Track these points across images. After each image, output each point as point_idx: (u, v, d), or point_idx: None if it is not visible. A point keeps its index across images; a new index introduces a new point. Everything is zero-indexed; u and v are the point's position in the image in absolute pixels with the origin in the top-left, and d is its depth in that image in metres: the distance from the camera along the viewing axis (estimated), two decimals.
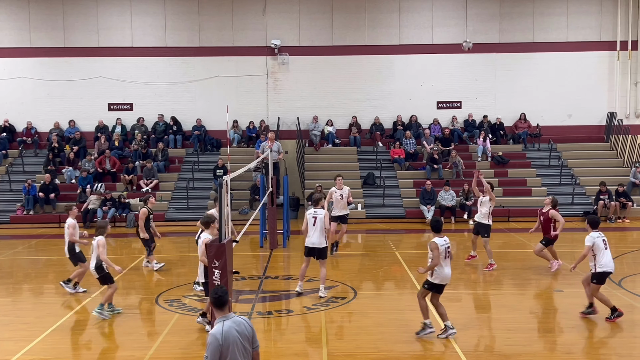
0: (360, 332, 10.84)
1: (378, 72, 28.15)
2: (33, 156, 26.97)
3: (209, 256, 8.74)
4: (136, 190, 25.03)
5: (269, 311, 12.40)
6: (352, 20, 27.98)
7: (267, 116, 27.50)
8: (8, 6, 27.45)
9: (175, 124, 27.59)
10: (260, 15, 27.75)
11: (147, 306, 12.93)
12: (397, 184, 25.72)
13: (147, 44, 27.81)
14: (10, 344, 10.42)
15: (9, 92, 27.51)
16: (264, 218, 18.66)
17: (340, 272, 15.45)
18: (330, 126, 27.77)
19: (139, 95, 27.86)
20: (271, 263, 16.66)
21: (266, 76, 27.91)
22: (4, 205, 24.52)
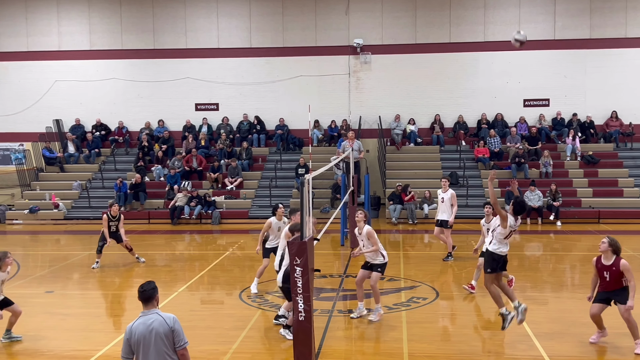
0: (442, 334, 10.71)
1: (462, 70, 27.70)
2: (124, 154, 28.00)
3: (290, 254, 8.83)
4: (221, 188, 25.60)
5: (349, 310, 12.41)
6: (436, 18, 27.65)
7: (349, 115, 27.53)
8: (101, 10, 28.60)
9: (259, 124, 28.03)
10: (343, 15, 27.82)
11: (231, 301, 13.19)
12: (480, 184, 25.24)
13: (232, 45, 28.37)
14: (101, 336, 10.86)
15: (102, 93, 28.66)
16: (345, 217, 18.70)
17: (421, 272, 15.31)
18: (413, 125, 27.54)
19: (224, 96, 28.46)
20: (352, 262, 16.67)
21: (348, 75, 27.96)
22: (97, 202, 25.56)
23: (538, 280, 14.81)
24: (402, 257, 17.21)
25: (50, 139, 28.14)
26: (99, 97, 28.66)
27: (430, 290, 13.57)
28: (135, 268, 16.75)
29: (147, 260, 17.29)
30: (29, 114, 28.53)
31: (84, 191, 26.17)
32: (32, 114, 28.52)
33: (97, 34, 28.68)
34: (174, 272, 16.15)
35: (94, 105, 28.64)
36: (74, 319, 12.09)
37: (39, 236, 22.75)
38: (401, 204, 23.80)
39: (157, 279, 14.85)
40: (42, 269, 16.64)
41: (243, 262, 17.41)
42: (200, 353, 10.02)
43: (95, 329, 11.31)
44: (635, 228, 21.90)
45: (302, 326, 8.74)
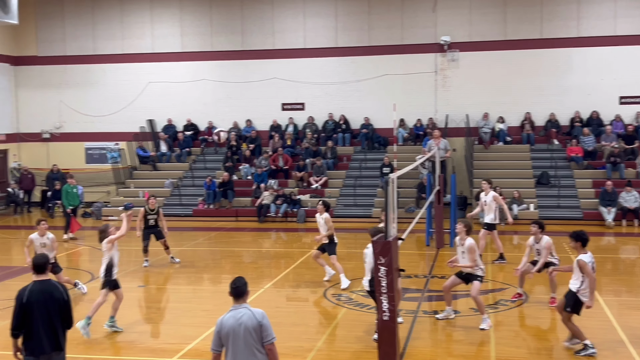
0: (531, 338, 10.43)
1: (554, 67, 26.82)
2: (213, 154, 28.69)
3: (375, 253, 8.81)
4: (307, 186, 25.82)
5: (435, 310, 12.27)
6: (527, 13, 26.88)
7: (435, 114, 27.18)
8: (192, 13, 29.39)
9: (344, 123, 28.10)
10: (430, 12, 27.48)
11: (316, 299, 13.30)
12: (573, 184, 24.37)
13: (318, 45, 28.54)
14: (190, 330, 11.17)
15: (193, 94, 29.45)
16: (431, 217, 18.49)
17: (510, 274, 14.94)
18: (502, 123, 26.89)
19: (310, 95, 28.67)
20: (437, 262, 16.48)
21: (435, 73, 27.60)
22: (187, 200, 26.31)
23: (633, 284, 14.19)
24: (490, 259, 16.85)
25: (143, 139, 29.18)
26: (189, 97, 29.45)
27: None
28: (223, 264, 17.14)
29: (235, 256, 17.65)
30: (124, 115, 29.67)
31: (176, 189, 27.00)
32: (127, 114, 29.64)
33: (188, 37, 29.48)
34: (260, 269, 16.43)
35: (185, 105, 29.45)
36: (165, 313, 12.49)
37: (132, 232, 23.56)
38: None
39: (244, 276, 15.15)
40: (135, 264, 17.26)
41: (328, 260, 17.49)
42: (286, 349, 10.14)
43: (185, 324, 11.64)
44: None
45: (387, 326, 8.71)
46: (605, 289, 13.62)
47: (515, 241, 20.40)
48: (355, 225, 23.14)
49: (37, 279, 7.21)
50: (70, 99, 29.91)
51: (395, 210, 9.57)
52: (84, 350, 10.17)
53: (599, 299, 12.54)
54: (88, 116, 29.88)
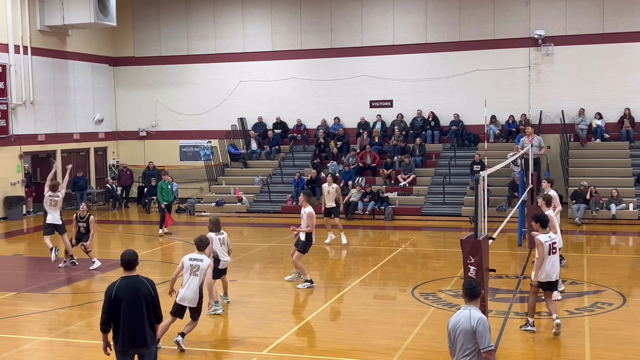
0: (628, 342, 10.01)
1: None
2: (302, 151, 28.98)
3: (464, 252, 8.68)
4: (394, 184, 25.70)
5: (526, 312, 11.96)
6: (626, 5, 25.71)
7: (529, 110, 26.43)
8: (282, 12, 29.78)
9: (433, 120, 27.76)
10: (523, 6, 26.73)
11: (403, 298, 13.23)
12: None
13: (407, 41, 28.32)
14: (280, 324, 11.36)
15: (282, 92, 29.85)
16: (523, 216, 18.00)
17: (607, 276, 14.37)
18: (599, 119, 25.85)
19: (398, 92, 28.49)
20: (530, 263, 16.03)
21: (528, 68, 26.83)
22: (277, 196, 26.70)
23: None
24: (585, 260, 16.27)
25: (234, 137, 29.83)
26: (279, 96, 29.87)
27: (616, 295, 12.71)
28: (311, 260, 17.29)
29: (322, 253, 17.74)
30: (216, 113, 30.42)
31: (265, 186, 27.46)
32: (219, 112, 30.38)
33: (278, 36, 29.90)
34: (347, 266, 16.48)
35: (275, 104, 29.90)
36: (255, 307, 12.74)
37: (224, 228, 24.04)
38: (585, 203, 22.49)
39: (332, 272, 15.28)
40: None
41: (415, 259, 17.38)
42: (373, 347, 10.15)
43: (274, 318, 11.84)
44: None
45: None
46: None
47: (613, 242, 19.60)
48: (444, 224, 22.86)
49: (125, 275, 7.47)
50: (165, 98, 30.95)
51: (486, 208, 9.38)
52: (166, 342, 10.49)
53: None
54: (182, 115, 30.82)
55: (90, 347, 10.18)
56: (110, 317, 7.33)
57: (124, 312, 7.26)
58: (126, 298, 7.27)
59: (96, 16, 25.97)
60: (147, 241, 20.70)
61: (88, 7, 25.86)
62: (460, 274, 13.85)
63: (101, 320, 7.38)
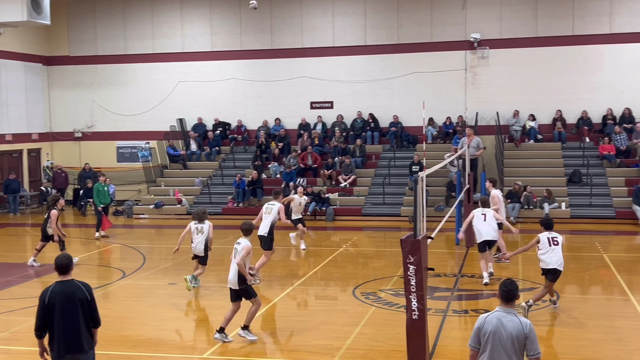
0: (562, 338, 10.32)
1: (586, 64, 26.43)
2: (243, 152, 28.81)
3: (404, 251, 8.79)
4: (335, 185, 25.83)
5: (465, 310, 12.22)
6: (558, 10, 26.53)
7: (465, 111, 26.98)
8: (222, 12, 29.54)
9: (373, 121, 28.04)
10: (460, 10, 27.27)
11: (345, 298, 13.31)
12: (606, 182, 24.02)
13: (347, 43, 28.50)
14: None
15: (223, 93, 29.62)
16: (460, 215, 18.36)
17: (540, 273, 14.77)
18: (532, 121, 26.60)
19: (338, 93, 28.64)
20: (467, 261, 16.37)
21: (464, 71, 27.39)
22: (217, 198, 26.49)
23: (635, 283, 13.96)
24: (520, 258, 16.70)
25: (174, 138, 29.44)
26: (219, 96, 29.64)
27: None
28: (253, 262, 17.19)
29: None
30: (155, 114, 29.94)
31: (205, 187, 27.20)
32: (157, 113, 29.91)
33: (218, 36, 29.66)
34: (289, 267, 16.49)
35: (215, 104, 29.64)
36: (195, 310, 12.60)
37: (163, 230, 23.88)
38: (519, 202, 23.11)
39: (273, 274, 15.25)
40: (166, 261, 17.45)
41: (356, 259, 17.52)
42: (315, 347, 10.18)
43: (215, 321, 11.73)
44: None
45: (416, 325, 8.68)
46: (638, 288, 13.42)
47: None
48: (384, 224, 23.11)
49: (60, 279, 7.28)
50: (102, 99, 30.31)
51: (425, 208, 9.53)
52: (115, 347, 10.29)
53: (631, 299, 12.37)
54: (119, 115, 30.24)
55: (26, 354, 9.88)
56: (45, 323, 7.14)
57: (58, 318, 7.08)
58: (60, 303, 7.09)
59: (29, 14, 25.14)
60: (84, 245, 20.23)
61: (21, 5, 25.01)
62: (400, 273, 14.03)
63: (35, 326, 7.19)
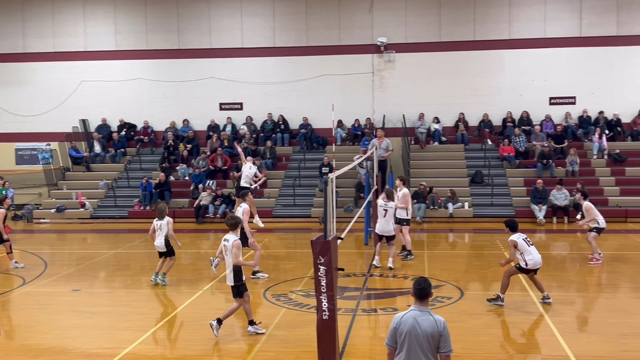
0: (466, 333, 10.64)
1: (487, 68, 27.48)
2: (149, 154, 28.22)
3: (314, 252, 8.82)
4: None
5: (373, 308, 12.41)
6: (461, 16, 27.46)
7: (373, 114, 27.48)
8: (127, 11, 28.85)
9: (283, 123, 28.09)
10: (367, 14, 27.75)
11: (255, 300, 13.23)
12: (506, 183, 25.03)
13: (256, 44, 28.44)
14: (127, 333, 10.96)
15: (128, 93, 28.91)
16: (369, 216, 18.66)
17: (446, 271, 15.23)
18: (437, 123, 27.39)
19: (248, 95, 28.54)
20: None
21: (372, 74, 27.88)
22: (123, 201, 25.81)
23: (564, 280, 14.66)
24: (426, 256, 17.14)
25: (76, 139, 28.47)
26: (124, 97, 28.91)
27: (454, 289, 13.49)
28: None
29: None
30: (56, 114, 28.87)
31: (110, 190, 26.44)
32: (59, 114, 28.85)
33: (123, 35, 28.93)
34: (199, 270, 16.23)
35: (120, 105, 28.90)
36: (100, 317, 12.22)
37: (65, 235, 23.03)
38: (425, 203, 23.73)
39: (183, 278, 15.00)
40: (69, 267, 16.84)
41: (267, 260, 17.45)
42: (225, 351, 10.07)
43: (121, 327, 11.41)
44: None
45: (326, 325, 8.73)
46: None
47: (451, 239, 20.79)
48: (294, 225, 23.16)
49: None
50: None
51: (335, 209, 9.62)
52: (16, 357, 9.84)
53: (530, 294, 12.92)
54: (18, 116, 29.00)
55: None
56: None
57: None
58: None
59: None
60: None
61: None
62: (310, 274, 14.10)
63: None
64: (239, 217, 11.46)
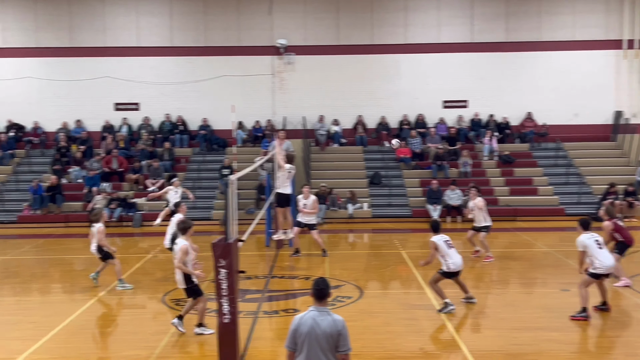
0: (366, 332, 10.82)
1: (384, 72, 28.10)
2: (40, 156, 27.04)
3: (215, 255, 8.74)
4: (143, 189, 25.08)
5: (275, 310, 12.41)
6: (359, 20, 27.94)
7: (273, 116, 27.49)
8: (14, 7, 27.53)
9: (182, 124, 27.62)
10: (266, 15, 27.74)
11: (154, 305, 12.94)
12: (403, 184, 25.68)
13: (153, 43, 27.84)
14: (17, 343, 10.44)
15: (16, 92, 27.58)
16: (270, 218, 18.65)
17: (346, 271, 15.44)
18: (336, 125, 27.74)
19: (145, 95, 27.88)
20: (277, 263, 16.66)
21: (272, 76, 27.90)
22: (11, 205, 24.60)
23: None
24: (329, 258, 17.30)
25: None
26: (12, 96, 27.57)
27: (354, 289, 13.69)
28: (52, 273, 16.20)
29: (65, 264, 16.70)
30: None
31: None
32: None
33: (10, 32, 27.59)
34: None
35: (7, 105, 27.54)
36: None
37: None
38: (325, 204, 23.97)
39: (76, 284, 14.46)
40: None
41: (166, 265, 17.09)
42: (122, 358, 9.79)
43: (10, 337, 10.87)
44: (550, 225, 22.76)
45: (227, 328, 8.67)
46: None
47: (351, 239, 21.10)
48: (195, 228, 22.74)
49: None
50: None
51: (236, 212, 9.55)
52: None
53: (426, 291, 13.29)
54: None
55: None
56: None
57: None
58: None
59: None
60: None
61: None
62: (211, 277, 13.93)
63: None
64: (190, 222, 11.30)
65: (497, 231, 21.55)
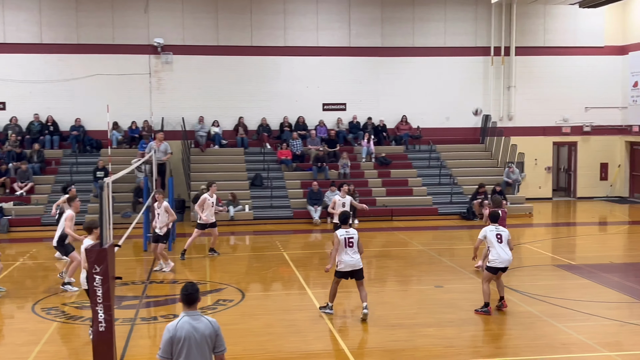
0: (247, 334, 10.80)
1: (264, 73, 28.13)
2: None
3: (89, 262, 8.42)
4: (9, 193, 23.73)
5: (154, 317, 12.13)
6: (238, 21, 27.81)
7: (151, 116, 26.82)
8: None
9: (52, 124, 26.38)
10: (142, 13, 27.02)
11: (23, 315, 12.28)
12: (284, 185, 25.81)
13: (20, 40, 26.41)
14: None
15: None
16: (148, 221, 18.19)
17: (227, 274, 15.33)
18: (217, 127, 27.46)
19: (12, 94, 26.39)
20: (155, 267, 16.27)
21: (149, 75, 27.21)
22: None
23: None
24: (207, 260, 17.12)
25: None
26: None
27: (236, 291, 13.63)
28: None
29: None
30: None
31: None
32: None
33: None
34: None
35: None
36: None
37: None
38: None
39: None
40: None
41: (36, 272, 16.29)
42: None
43: None
44: (424, 224, 23.64)
45: (103, 337, 8.39)
46: (314, 282, 14.64)
47: (232, 242, 20.98)
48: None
49: None
50: None
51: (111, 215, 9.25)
52: None
53: (308, 292, 13.45)
54: None
55: None
56: None
57: None
58: None
59: None
60: None
61: None
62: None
63: None
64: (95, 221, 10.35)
65: (375, 231, 22.15)
